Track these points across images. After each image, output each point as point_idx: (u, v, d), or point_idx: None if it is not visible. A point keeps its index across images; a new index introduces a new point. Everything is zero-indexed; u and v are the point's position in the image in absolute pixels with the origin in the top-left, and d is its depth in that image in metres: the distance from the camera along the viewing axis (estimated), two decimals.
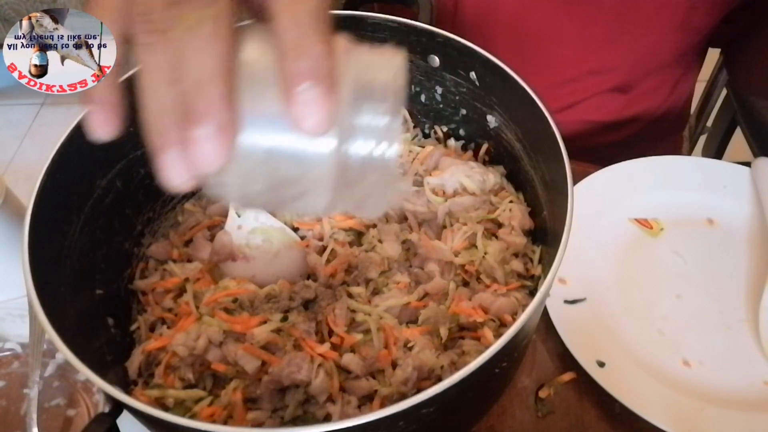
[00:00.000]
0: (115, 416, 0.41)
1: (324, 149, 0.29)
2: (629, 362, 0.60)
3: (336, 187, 0.31)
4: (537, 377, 0.61)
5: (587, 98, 0.90)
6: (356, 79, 0.30)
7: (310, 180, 0.30)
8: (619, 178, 0.75)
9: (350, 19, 0.60)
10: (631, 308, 0.66)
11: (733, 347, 0.63)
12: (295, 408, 0.49)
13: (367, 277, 0.57)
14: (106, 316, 0.54)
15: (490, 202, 0.62)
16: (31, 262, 0.44)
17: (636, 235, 0.72)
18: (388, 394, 0.48)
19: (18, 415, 0.60)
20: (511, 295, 0.55)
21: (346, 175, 0.31)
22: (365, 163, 0.31)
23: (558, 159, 0.48)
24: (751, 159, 0.77)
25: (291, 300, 0.54)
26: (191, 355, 0.51)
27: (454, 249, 0.58)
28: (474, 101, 0.62)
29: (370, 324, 0.53)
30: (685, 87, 0.96)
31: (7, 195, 0.64)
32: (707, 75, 1.13)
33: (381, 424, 0.36)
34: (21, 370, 0.63)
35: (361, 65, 0.31)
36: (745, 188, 0.75)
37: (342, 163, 0.30)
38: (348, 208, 0.34)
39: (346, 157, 0.30)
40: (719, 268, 0.69)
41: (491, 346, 0.38)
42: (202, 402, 0.50)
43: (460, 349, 0.53)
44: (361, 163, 0.31)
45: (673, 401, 0.57)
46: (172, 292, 0.58)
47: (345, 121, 0.30)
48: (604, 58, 0.85)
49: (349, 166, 0.31)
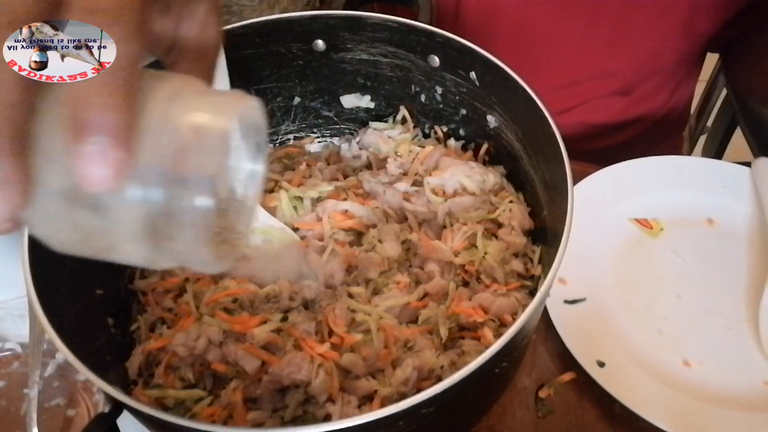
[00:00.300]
0: (115, 416, 0.41)
1: (127, 201, 0.27)
2: (629, 362, 0.60)
3: (146, 242, 0.29)
4: (537, 377, 0.61)
5: (588, 101, 0.90)
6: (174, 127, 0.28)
7: (118, 233, 0.28)
8: (619, 178, 0.75)
9: (350, 19, 0.60)
10: (631, 308, 0.66)
11: (733, 347, 0.63)
12: (295, 408, 0.49)
13: (367, 277, 0.57)
14: (106, 316, 0.54)
15: (490, 202, 0.62)
16: (31, 262, 0.44)
17: (636, 235, 0.72)
18: (388, 394, 0.48)
19: (18, 415, 0.60)
20: (511, 295, 0.55)
21: (157, 231, 0.28)
22: (174, 216, 0.28)
23: (558, 159, 0.48)
24: (751, 159, 0.77)
25: (291, 300, 0.54)
26: (191, 355, 0.51)
27: (454, 249, 0.58)
28: (474, 101, 0.62)
29: (370, 324, 0.52)
30: (686, 89, 0.96)
31: None
32: (707, 75, 1.13)
33: (381, 424, 0.36)
34: (21, 370, 0.63)
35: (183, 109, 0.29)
36: (745, 188, 0.75)
37: (148, 216, 0.28)
38: (171, 264, 0.31)
39: (151, 210, 0.28)
40: (719, 268, 0.69)
41: (491, 346, 0.38)
42: (202, 402, 0.50)
43: (460, 349, 0.53)
44: (172, 218, 0.28)
45: (673, 401, 0.57)
46: (172, 292, 0.58)
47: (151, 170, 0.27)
48: (606, 61, 0.85)
49: (158, 221, 0.28)
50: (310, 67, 0.66)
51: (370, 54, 0.64)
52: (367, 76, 0.67)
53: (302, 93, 0.69)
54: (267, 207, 0.63)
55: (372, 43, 0.62)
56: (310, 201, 0.64)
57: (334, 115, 0.72)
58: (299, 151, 0.72)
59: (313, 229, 0.61)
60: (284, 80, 0.66)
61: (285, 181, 0.66)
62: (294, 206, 0.64)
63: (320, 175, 0.67)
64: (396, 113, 0.70)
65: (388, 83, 0.67)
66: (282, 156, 0.70)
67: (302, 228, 0.62)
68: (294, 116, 0.71)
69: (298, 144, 0.73)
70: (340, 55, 0.64)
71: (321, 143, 0.74)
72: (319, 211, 0.62)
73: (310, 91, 0.69)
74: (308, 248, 0.60)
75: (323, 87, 0.68)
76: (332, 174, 0.68)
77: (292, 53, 0.64)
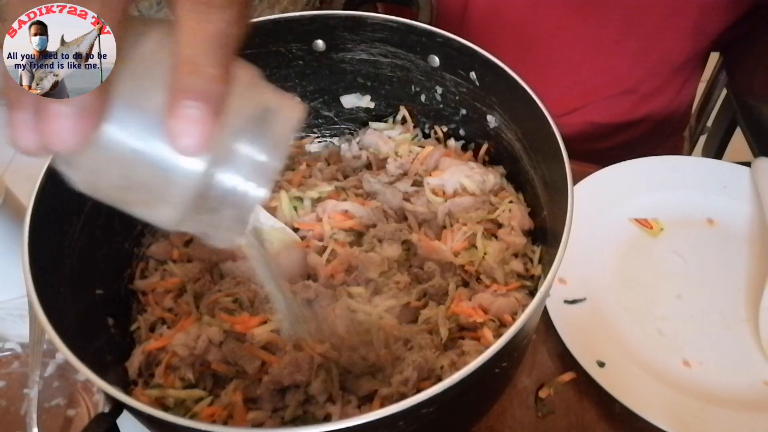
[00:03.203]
0: (115, 416, 0.41)
1: (191, 170, 0.28)
2: (629, 362, 0.60)
3: (187, 209, 0.29)
4: (537, 377, 0.61)
5: (595, 101, 0.90)
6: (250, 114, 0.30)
7: (166, 194, 0.29)
8: (619, 178, 0.75)
9: (350, 19, 0.60)
10: (631, 308, 0.66)
11: (733, 347, 0.63)
12: (295, 408, 0.49)
13: (367, 277, 0.57)
14: (106, 316, 0.54)
15: (490, 203, 0.62)
16: (31, 262, 0.44)
17: (636, 235, 0.72)
18: (388, 394, 0.48)
19: (18, 415, 0.60)
20: (511, 295, 0.55)
21: (203, 202, 0.29)
22: (227, 195, 0.30)
23: (558, 159, 0.48)
24: (751, 159, 0.77)
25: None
26: (191, 355, 0.51)
27: (453, 249, 0.58)
28: (474, 101, 0.62)
29: (370, 324, 0.52)
30: (690, 88, 0.96)
31: (7, 195, 0.64)
32: (707, 75, 1.13)
33: (381, 424, 0.36)
34: (21, 370, 0.63)
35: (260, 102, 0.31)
36: (745, 188, 0.75)
37: (204, 188, 0.29)
38: (192, 230, 0.33)
39: (209, 184, 0.29)
40: (719, 268, 0.69)
41: (491, 346, 0.38)
42: (202, 402, 0.50)
43: (460, 349, 0.53)
44: (222, 195, 0.30)
45: (673, 401, 0.57)
46: (172, 292, 0.58)
47: (222, 149, 0.29)
48: (614, 61, 0.85)
49: (209, 194, 0.29)
50: (310, 67, 0.66)
51: (370, 54, 0.64)
52: (367, 76, 0.67)
53: (302, 93, 0.69)
54: (267, 207, 0.63)
55: (372, 43, 0.62)
56: (310, 201, 0.64)
57: (334, 115, 0.72)
58: (299, 151, 0.72)
59: (313, 230, 0.61)
60: (284, 80, 0.66)
61: (285, 181, 0.66)
62: (294, 206, 0.64)
63: (320, 175, 0.67)
64: (396, 113, 0.70)
65: (388, 83, 0.67)
66: None
67: (302, 228, 0.62)
68: None
69: (298, 144, 0.73)
70: (340, 55, 0.64)
71: (321, 143, 0.74)
72: (319, 211, 0.62)
73: (310, 91, 0.69)
74: (308, 248, 0.60)
75: (323, 87, 0.68)
76: (332, 174, 0.68)
77: (292, 53, 0.64)
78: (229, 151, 0.29)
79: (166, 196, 0.29)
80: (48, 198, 0.47)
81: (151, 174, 0.28)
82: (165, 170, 0.28)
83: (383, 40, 0.61)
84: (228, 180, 0.29)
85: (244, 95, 0.29)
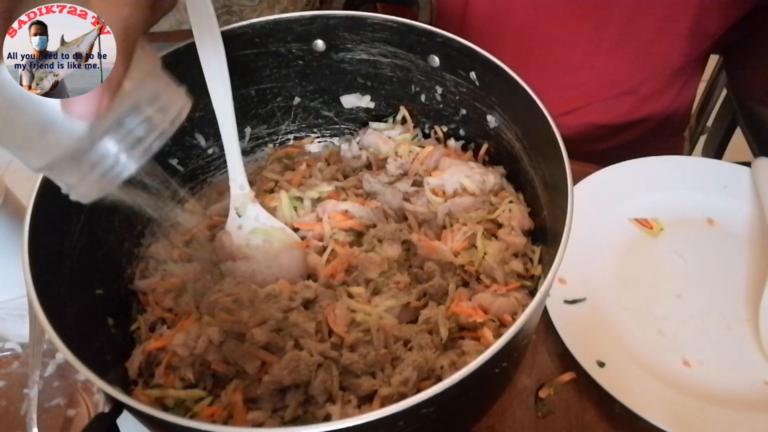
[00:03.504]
0: (115, 416, 0.41)
1: (71, 132, 0.33)
2: (629, 362, 0.60)
3: (54, 163, 0.34)
4: (537, 377, 0.61)
5: (595, 102, 0.90)
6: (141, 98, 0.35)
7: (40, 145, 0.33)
8: (619, 178, 0.75)
9: (350, 19, 0.60)
10: (631, 308, 0.66)
11: (733, 347, 0.63)
12: (295, 408, 0.49)
13: (367, 277, 0.57)
14: (106, 316, 0.54)
15: (490, 203, 0.62)
16: (31, 262, 0.44)
17: (636, 235, 0.72)
18: (388, 394, 0.48)
19: (18, 415, 0.60)
20: (511, 296, 0.55)
21: (73, 162, 0.34)
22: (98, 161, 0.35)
23: (558, 159, 0.48)
24: (751, 159, 0.77)
25: (291, 300, 0.54)
26: (191, 355, 0.51)
27: (453, 249, 0.58)
28: (474, 101, 0.62)
29: (370, 324, 0.52)
30: (690, 89, 0.96)
31: (7, 195, 0.64)
32: (707, 75, 1.13)
33: (381, 424, 0.36)
34: (21, 370, 0.63)
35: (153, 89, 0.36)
36: (745, 188, 0.75)
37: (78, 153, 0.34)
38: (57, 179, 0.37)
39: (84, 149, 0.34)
40: (719, 268, 0.69)
41: (491, 346, 0.38)
42: (202, 402, 0.50)
43: (460, 349, 0.52)
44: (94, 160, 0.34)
45: (673, 401, 0.57)
46: (172, 292, 0.58)
47: (107, 123, 0.34)
48: (614, 62, 0.85)
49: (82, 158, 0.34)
50: (310, 67, 0.66)
51: (370, 54, 0.64)
52: (367, 76, 0.67)
53: (302, 93, 0.69)
54: (267, 207, 0.63)
55: (372, 43, 0.62)
56: (310, 201, 0.64)
57: (334, 115, 0.72)
58: (299, 151, 0.72)
59: (313, 230, 0.61)
60: (284, 80, 0.66)
61: (285, 181, 0.66)
62: (294, 206, 0.64)
63: (320, 175, 0.67)
64: (396, 113, 0.70)
65: (388, 83, 0.67)
66: (282, 156, 0.70)
67: (302, 228, 0.62)
68: (294, 116, 0.71)
69: (298, 144, 0.73)
70: (340, 55, 0.64)
71: (321, 143, 0.74)
72: (319, 211, 0.62)
73: (310, 91, 0.69)
74: (308, 248, 0.60)
75: (323, 87, 0.68)
76: (332, 174, 0.68)
77: (292, 53, 0.64)
78: (113, 126, 0.34)
79: (39, 147, 0.33)
80: (48, 198, 0.47)
81: (33, 122, 0.32)
82: (47, 124, 0.32)
83: (383, 40, 0.61)
84: (103, 149, 0.34)
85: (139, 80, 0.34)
